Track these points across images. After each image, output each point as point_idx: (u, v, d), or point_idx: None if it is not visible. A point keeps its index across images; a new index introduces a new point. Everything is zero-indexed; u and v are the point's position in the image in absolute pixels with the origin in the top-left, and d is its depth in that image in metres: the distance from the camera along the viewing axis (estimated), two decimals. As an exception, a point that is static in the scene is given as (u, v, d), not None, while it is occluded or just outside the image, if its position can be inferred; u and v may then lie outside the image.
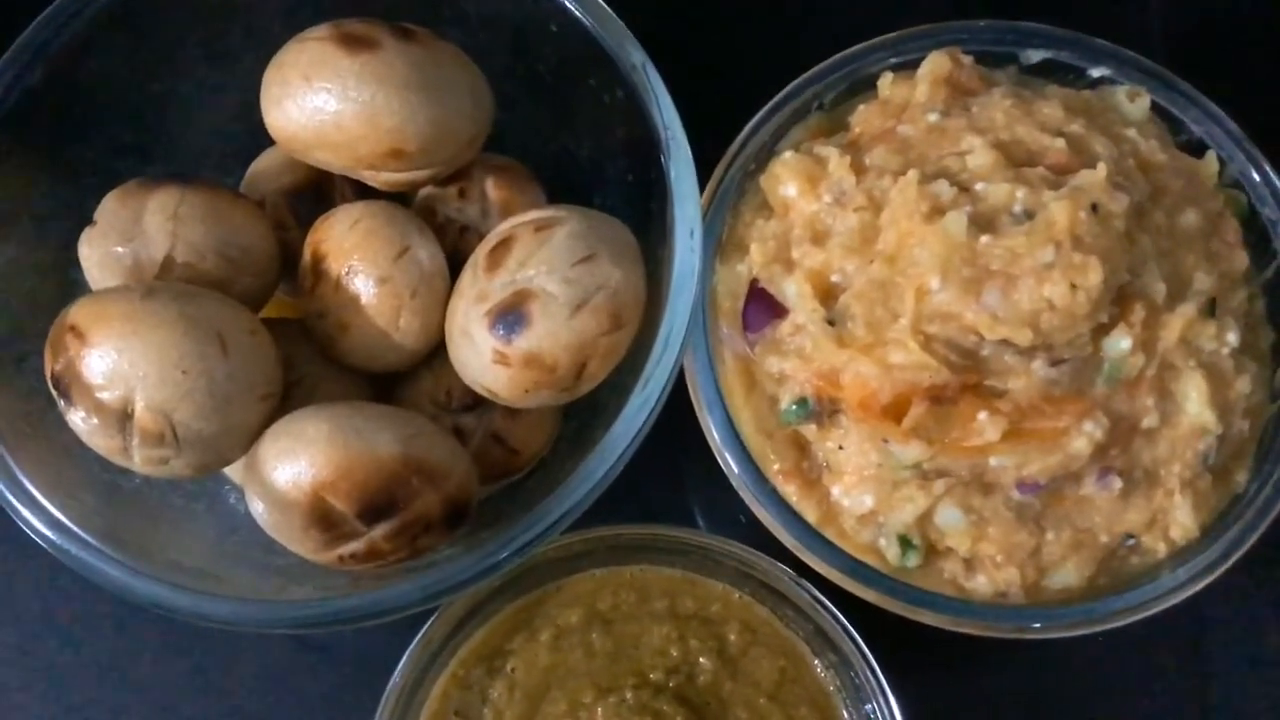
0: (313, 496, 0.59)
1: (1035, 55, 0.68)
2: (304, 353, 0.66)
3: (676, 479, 0.72)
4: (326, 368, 0.66)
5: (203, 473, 0.62)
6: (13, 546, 0.73)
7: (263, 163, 0.71)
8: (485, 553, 0.57)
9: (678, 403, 0.64)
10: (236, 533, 0.66)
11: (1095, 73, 0.68)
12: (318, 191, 0.69)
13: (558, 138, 0.70)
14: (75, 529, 0.58)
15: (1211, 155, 0.67)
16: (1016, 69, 0.69)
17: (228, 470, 0.67)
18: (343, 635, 0.73)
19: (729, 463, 0.63)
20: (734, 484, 0.63)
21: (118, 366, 0.58)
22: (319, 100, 0.61)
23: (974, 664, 0.71)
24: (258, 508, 0.60)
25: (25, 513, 0.59)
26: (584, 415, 0.67)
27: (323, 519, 0.59)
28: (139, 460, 0.60)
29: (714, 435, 0.63)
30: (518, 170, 0.69)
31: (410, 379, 0.67)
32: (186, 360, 0.58)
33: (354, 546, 0.60)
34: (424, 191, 0.68)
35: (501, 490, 0.69)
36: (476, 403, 0.66)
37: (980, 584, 0.62)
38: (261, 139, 0.68)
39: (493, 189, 0.68)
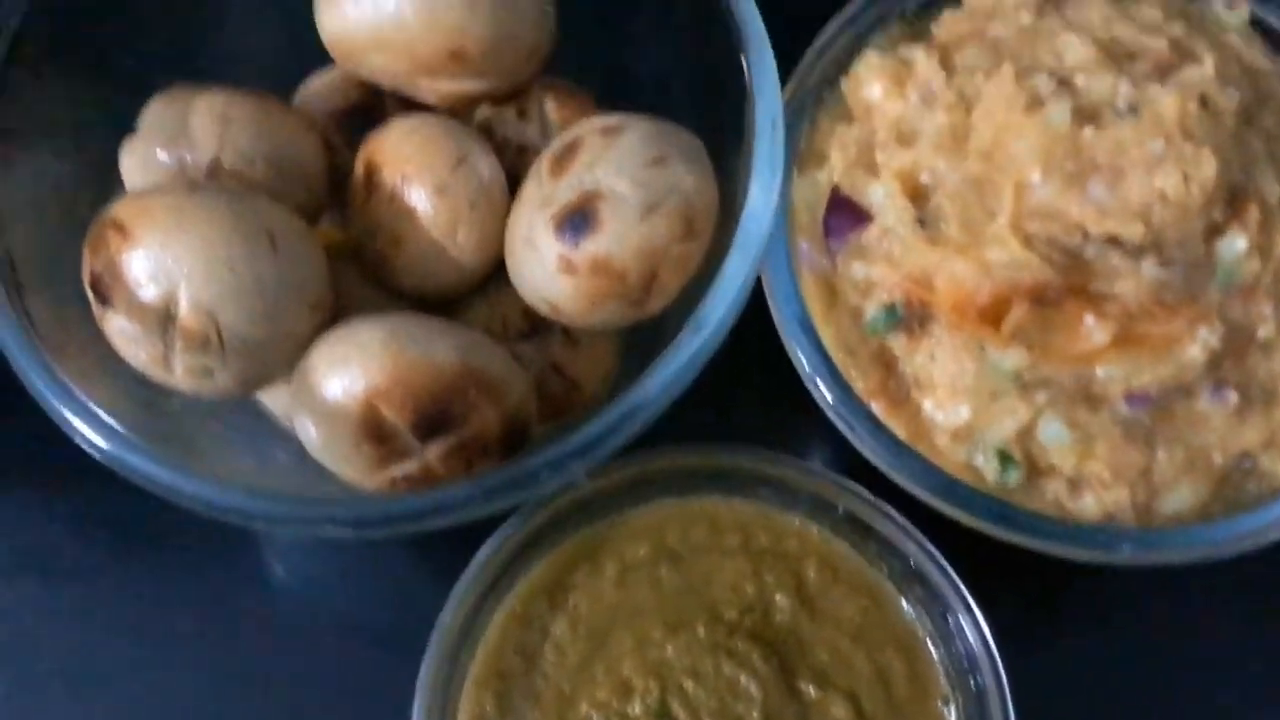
0: (365, 406, 0.54)
1: (1125, -38, 0.65)
2: (352, 279, 0.62)
3: (745, 404, 0.67)
4: (376, 294, 0.63)
5: (246, 389, 0.58)
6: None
7: (312, 85, 0.68)
8: (550, 450, 0.54)
9: (753, 323, 0.60)
10: (275, 469, 0.62)
11: (1190, -18, 0.65)
12: (368, 114, 0.65)
13: (618, 52, 0.67)
14: (119, 427, 0.55)
15: (1316, 66, 0.63)
16: (1106, -23, 0.66)
17: (271, 404, 0.64)
18: (378, 589, 0.69)
19: (815, 382, 0.58)
20: (820, 405, 0.58)
21: (161, 262, 0.54)
22: (378, -4, 0.59)
23: (1072, 599, 0.65)
24: (306, 426, 0.56)
25: (70, 415, 0.55)
26: (647, 349, 0.63)
27: (376, 432, 0.55)
28: (180, 370, 0.56)
29: (799, 355, 0.59)
30: (578, 92, 0.66)
31: (463, 307, 0.63)
32: (235, 256, 0.54)
33: (407, 467, 0.56)
34: (481, 112, 0.65)
35: (557, 431, 0.65)
36: (533, 331, 0.62)
37: (1087, 505, 0.57)
38: (310, 63, 0.65)
39: (553, 109, 0.64)
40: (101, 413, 0.55)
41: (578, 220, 0.56)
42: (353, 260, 0.63)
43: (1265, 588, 0.65)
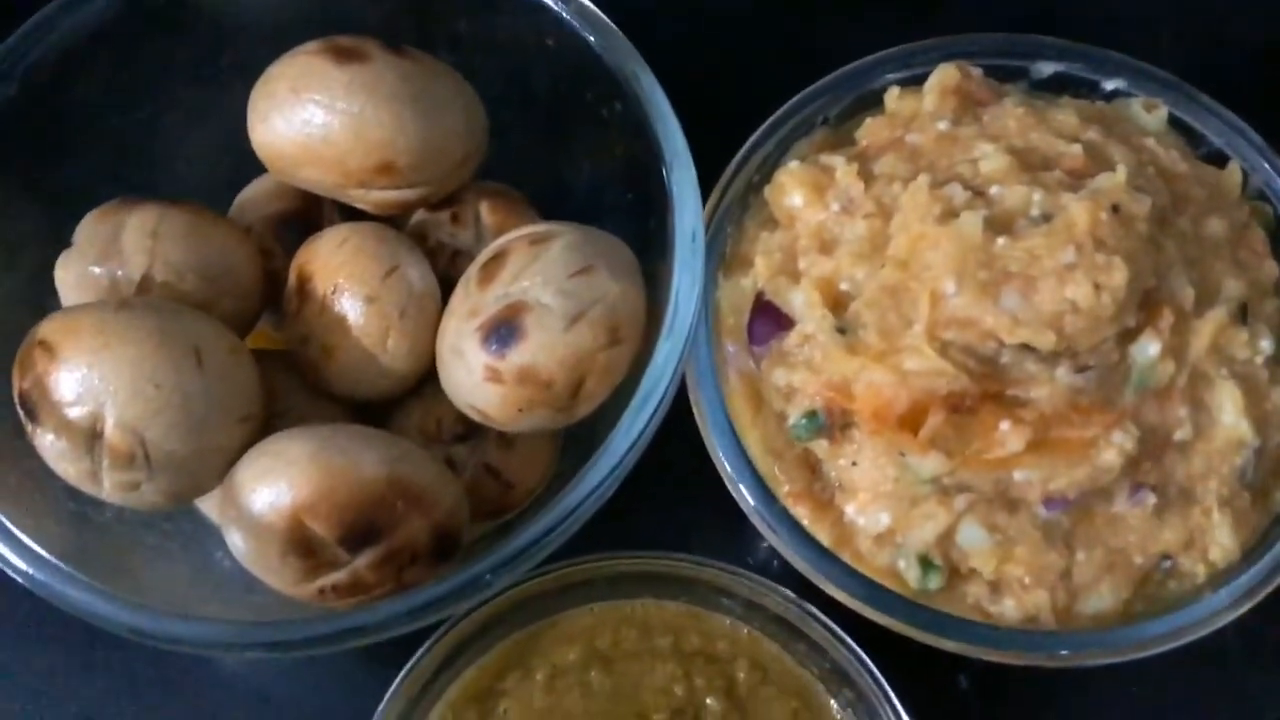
0: (292, 520, 0.55)
1: (1046, 68, 0.67)
2: (287, 385, 0.63)
3: (681, 507, 0.68)
4: (311, 400, 0.63)
5: (176, 501, 0.59)
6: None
7: (250, 191, 0.68)
8: (468, 568, 0.54)
9: (683, 428, 0.61)
10: (211, 573, 0.63)
11: (1109, 85, 0.66)
12: (306, 219, 0.66)
13: (555, 161, 0.68)
14: (43, 552, 0.55)
15: (1234, 166, 0.65)
16: (1027, 83, 0.67)
17: (206, 510, 0.64)
18: (317, 683, 0.68)
19: (738, 486, 0.59)
20: (744, 509, 0.59)
21: (88, 382, 0.54)
22: (306, 113, 0.60)
23: (1000, 698, 0.65)
24: (234, 537, 0.57)
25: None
26: (583, 448, 0.63)
27: (302, 545, 0.55)
28: (109, 485, 0.56)
29: (721, 458, 0.59)
30: (513, 195, 0.67)
31: (398, 410, 0.64)
32: (159, 374, 0.55)
33: (336, 577, 0.56)
34: (416, 216, 0.66)
35: (495, 530, 0.65)
36: (468, 433, 0.62)
37: (1008, 608, 0.57)
38: (250, 169, 0.66)
39: (487, 213, 0.65)
40: (26, 537, 0.55)
41: (504, 331, 0.57)
42: (288, 364, 0.64)
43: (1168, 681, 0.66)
